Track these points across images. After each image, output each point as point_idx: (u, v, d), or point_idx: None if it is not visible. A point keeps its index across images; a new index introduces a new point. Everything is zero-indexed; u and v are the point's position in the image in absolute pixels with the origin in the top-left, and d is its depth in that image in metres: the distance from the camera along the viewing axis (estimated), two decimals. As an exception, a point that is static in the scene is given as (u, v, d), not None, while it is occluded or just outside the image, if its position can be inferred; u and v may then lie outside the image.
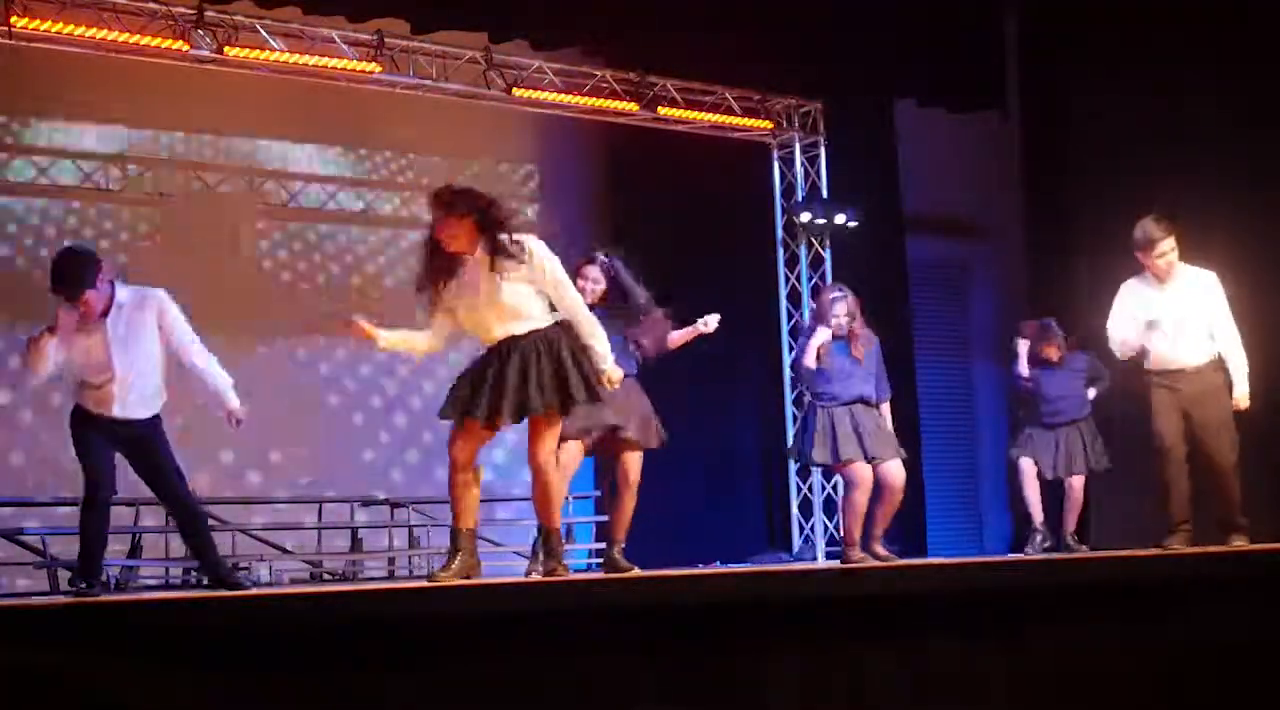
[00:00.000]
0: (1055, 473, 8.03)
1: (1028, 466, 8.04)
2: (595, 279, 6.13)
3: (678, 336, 6.54)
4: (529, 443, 5.12)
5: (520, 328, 4.99)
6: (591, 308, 5.54)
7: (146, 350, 5.69)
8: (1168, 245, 6.46)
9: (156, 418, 5.78)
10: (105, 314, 5.60)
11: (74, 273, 5.52)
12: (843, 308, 7.02)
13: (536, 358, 4.97)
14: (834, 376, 6.94)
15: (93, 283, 5.51)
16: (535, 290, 5.00)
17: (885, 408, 7.05)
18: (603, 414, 5.90)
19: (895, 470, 6.91)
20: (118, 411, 5.63)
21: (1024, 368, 8.03)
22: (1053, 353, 8.02)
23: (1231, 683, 4.36)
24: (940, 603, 4.11)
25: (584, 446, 6.10)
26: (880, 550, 6.98)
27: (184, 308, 5.95)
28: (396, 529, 9.86)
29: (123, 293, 5.66)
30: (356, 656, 3.26)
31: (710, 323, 6.49)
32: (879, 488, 6.95)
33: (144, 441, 5.72)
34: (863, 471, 6.88)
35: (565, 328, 5.06)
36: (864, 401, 6.96)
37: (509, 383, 4.92)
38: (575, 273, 5.84)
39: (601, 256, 6.21)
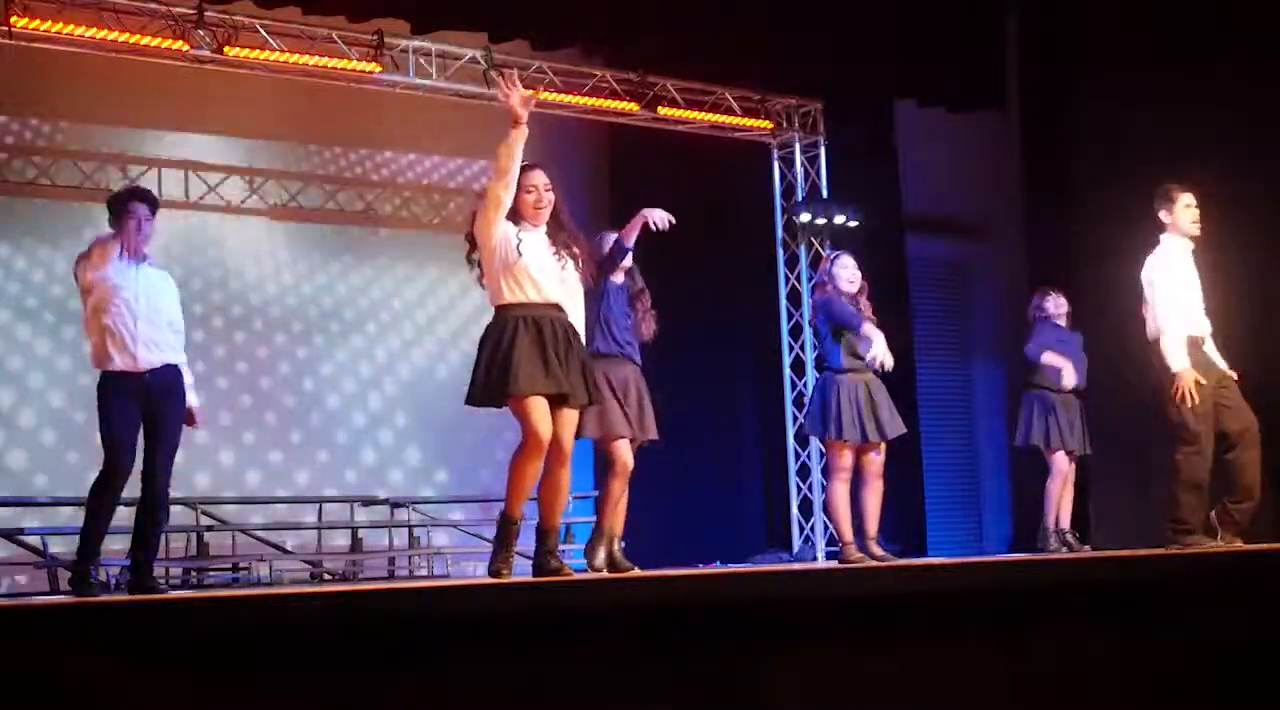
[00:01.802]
0: (1060, 446, 7.85)
1: (1064, 465, 7.77)
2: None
3: (628, 229, 6.26)
4: (563, 434, 5.07)
5: (567, 301, 5.14)
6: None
7: (167, 309, 5.86)
8: (1194, 198, 6.43)
9: (180, 370, 5.84)
10: (140, 260, 5.84)
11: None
12: (850, 269, 6.97)
13: (578, 347, 5.11)
14: (857, 345, 6.81)
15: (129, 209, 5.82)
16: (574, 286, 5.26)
17: None
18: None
19: (875, 460, 6.82)
20: (143, 354, 5.68)
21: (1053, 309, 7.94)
22: (1056, 307, 7.98)
23: (1231, 683, 4.36)
24: (940, 603, 4.11)
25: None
26: (877, 550, 6.91)
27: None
28: (396, 529, 9.87)
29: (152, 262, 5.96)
30: (356, 656, 3.26)
31: (660, 219, 6.30)
32: (861, 478, 6.89)
33: (168, 391, 5.76)
34: (843, 458, 6.78)
35: None
36: (878, 371, 6.83)
37: (573, 366, 5.03)
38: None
39: (605, 234, 6.30)
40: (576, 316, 5.31)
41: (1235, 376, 6.40)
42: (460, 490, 10.39)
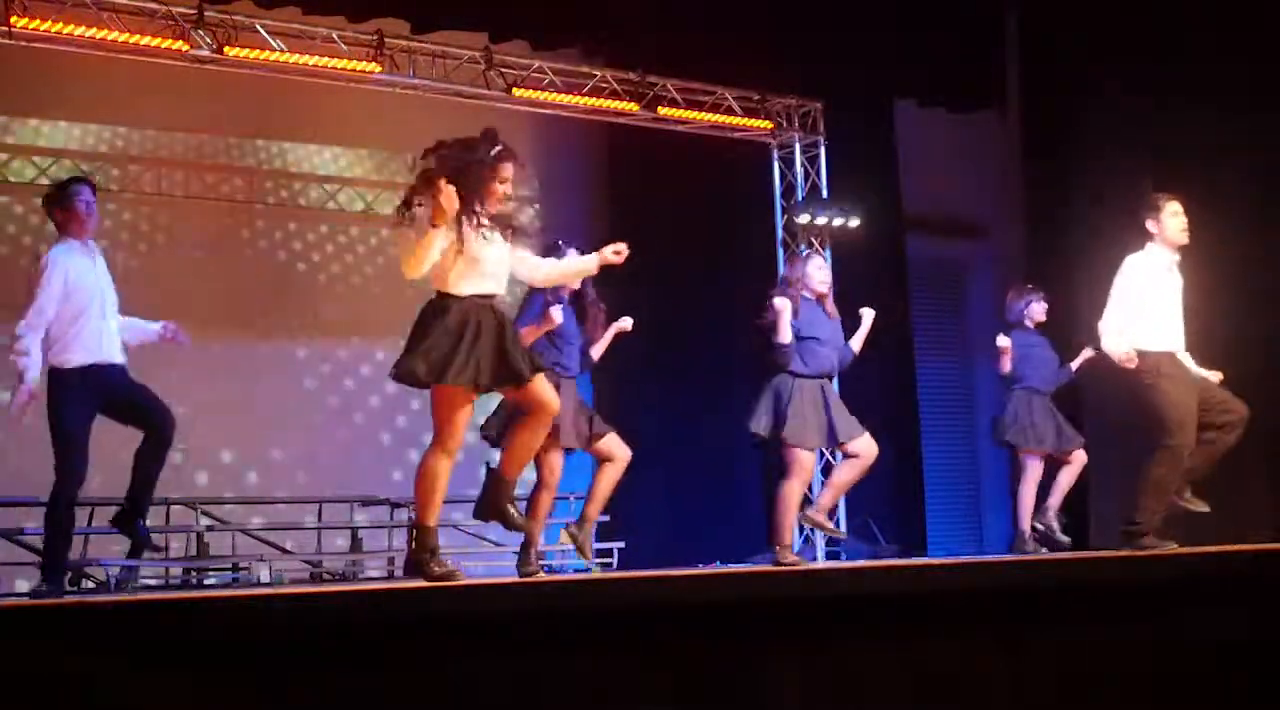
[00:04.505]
0: (1058, 447, 7.84)
1: (1037, 471, 7.79)
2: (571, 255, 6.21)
3: (601, 344, 6.55)
4: (543, 398, 5.03)
5: (500, 288, 5.04)
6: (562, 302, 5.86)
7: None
8: (1181, 207, 6.29)
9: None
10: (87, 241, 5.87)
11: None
12: (825, 270, 6.89)
13: (505, 328, 4.97)
14: (814, 347, 6.71)
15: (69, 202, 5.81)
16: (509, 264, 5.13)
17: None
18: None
19: (869, 443, 6.69)
20: (109, 351, 5.77)
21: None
22: (1042, 313, 7.99)
23: (1231, 683, 4.36)
24: (940, 603, 4.11)
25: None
26: (823, 519, 6.81)
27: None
28: (396, 529, 9.86)
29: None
30: (357, 656, 3.26)
31: (626, 322, 6.53)
32: (851, 459, 6.79)
33: (126, 381, 5.85)
34: (807, 459, 6.66)
35: None
36: (829, 375, 6.77)
37: (492, 350, 4.90)
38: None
39: (562, 244, 6.30)
40: (530, 263, 5.29)
41: (1218, 377, 6.36)
42: (460, 490, 10.35)
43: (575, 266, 5.49)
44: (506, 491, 5.17)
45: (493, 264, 5.00)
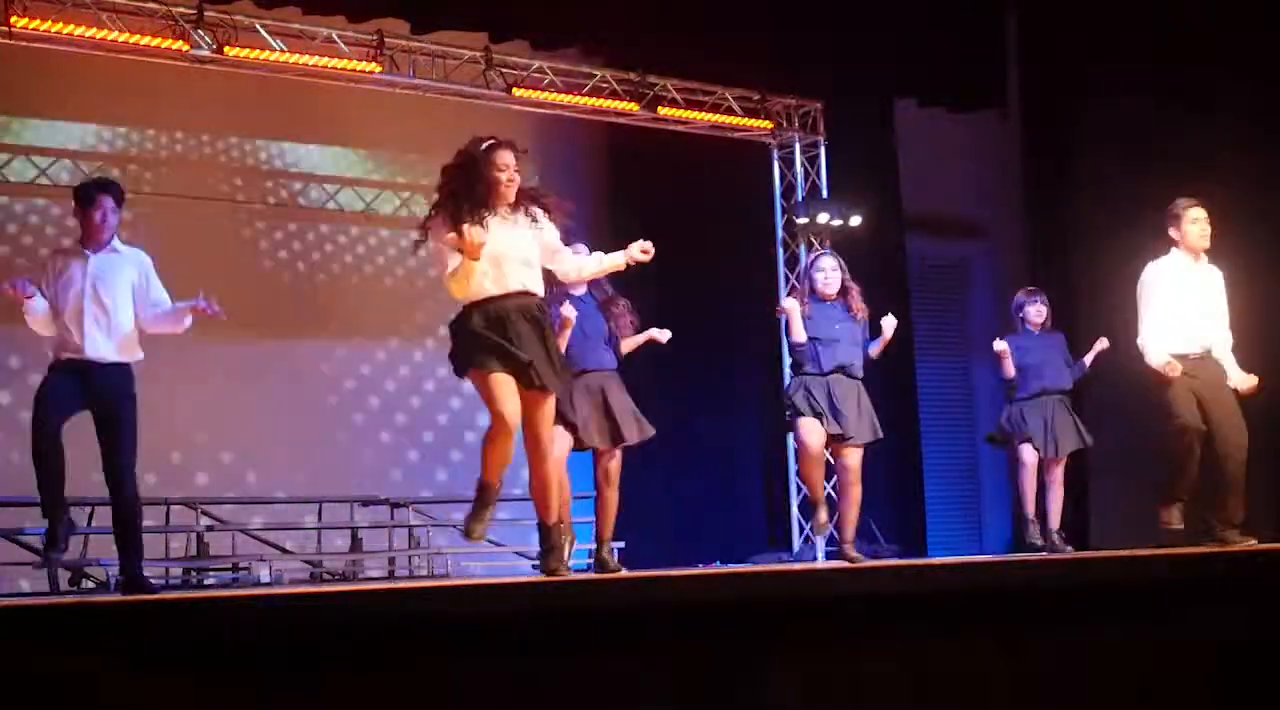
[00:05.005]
0: (1045, 453, 7.87)
1: (1030, 457, 7.79)
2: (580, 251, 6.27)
3: (629, 343, 6.55)
4: (534, 422, 5.04)
5: (531, 282, 5.08)
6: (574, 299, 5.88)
7: (121, 298, 5.85)
8: (1203, 212, 6.45)
9: (129, 368, 5.84)
10: (99, 249, 5.87)
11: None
12: (828, 271, 6.87)
13: (543, 328, 5.05)
14: (819, 348, 6.70)
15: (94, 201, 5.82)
16: (539, 253, 5.18)
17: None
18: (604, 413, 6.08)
19: (852, 458, 6.73)
20: (89, 350, 5.71)
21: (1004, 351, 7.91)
22: (1037, 315, 7.96)
23: (1231, 683, 4.36)
24: (940, 603, 4.11)
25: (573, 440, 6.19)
26: (852, 553, 6.84)
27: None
28: (396, 529, 9.87)
29: (119, 244, 5.97)
30: (356, 656, 3.26)
31: (664, 335, 6.54)
32: (840, 485, 6.83)
33: (112, 392, 5.74)
34: (811, 437, 6.67)
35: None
36: (844, 371, 6.73)
37: (533, 351, 4.96)
38: None
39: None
40: (566, 258, 5.34)
41: (1251, 384, 6.44)
42: (460, 490, 10.38)
43: (609, 263, 5.45)
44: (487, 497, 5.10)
45: (519, 253, 5.02)
